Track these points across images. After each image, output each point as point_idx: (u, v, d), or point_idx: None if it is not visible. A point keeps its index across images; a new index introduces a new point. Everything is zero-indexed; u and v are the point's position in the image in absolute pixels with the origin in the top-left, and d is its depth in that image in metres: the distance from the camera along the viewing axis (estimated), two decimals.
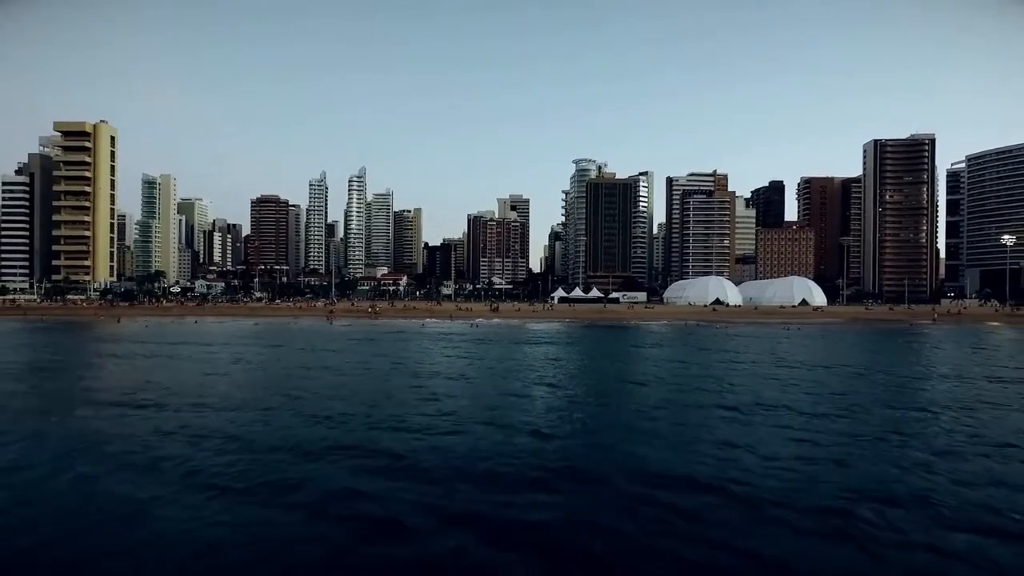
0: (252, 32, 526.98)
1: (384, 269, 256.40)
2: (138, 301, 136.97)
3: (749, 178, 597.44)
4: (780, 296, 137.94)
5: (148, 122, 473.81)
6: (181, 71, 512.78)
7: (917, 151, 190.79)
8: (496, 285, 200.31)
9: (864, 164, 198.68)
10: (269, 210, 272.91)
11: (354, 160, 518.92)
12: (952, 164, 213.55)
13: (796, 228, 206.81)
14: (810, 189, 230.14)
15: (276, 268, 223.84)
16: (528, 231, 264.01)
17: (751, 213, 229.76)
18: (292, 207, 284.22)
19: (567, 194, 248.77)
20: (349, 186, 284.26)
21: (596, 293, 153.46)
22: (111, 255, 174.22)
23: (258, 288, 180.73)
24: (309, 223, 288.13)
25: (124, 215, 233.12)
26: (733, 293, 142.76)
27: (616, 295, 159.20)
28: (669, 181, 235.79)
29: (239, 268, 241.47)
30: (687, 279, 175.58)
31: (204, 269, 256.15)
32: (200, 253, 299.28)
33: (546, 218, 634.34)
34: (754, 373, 29.34)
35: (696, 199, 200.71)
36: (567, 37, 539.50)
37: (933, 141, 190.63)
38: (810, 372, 29.92)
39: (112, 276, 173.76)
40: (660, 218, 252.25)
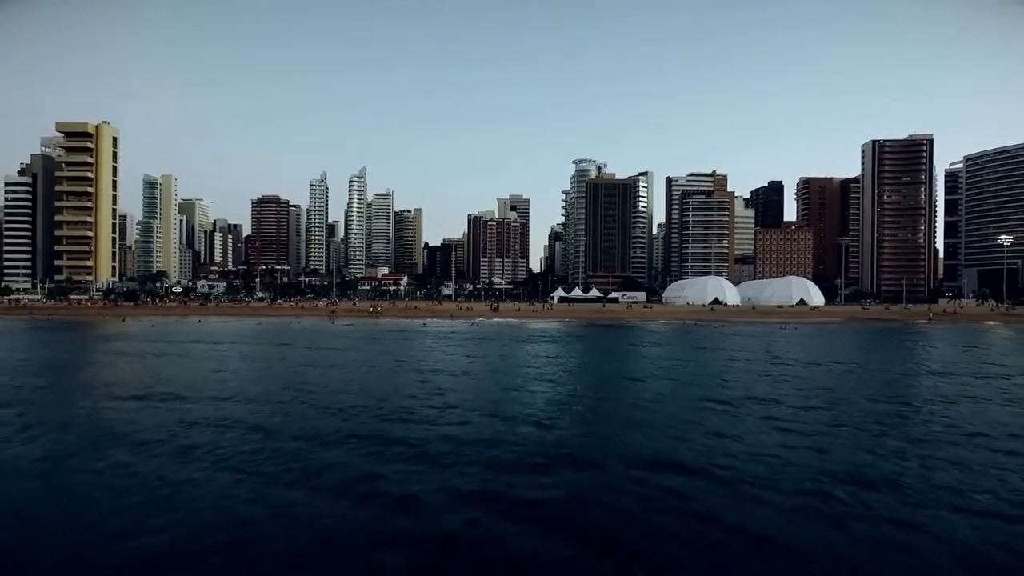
0: (252, 32, 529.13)
1: (384, 269, 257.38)
2: (141, 301, 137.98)
3: (748, 178, 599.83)
4: (778, 296, 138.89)
5: (148, 122, 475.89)
6: (181, 71, 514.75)
7: (915, 152, 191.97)
8: (496, 285, 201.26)
9: (862, 164, 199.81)
10: (270, 210, 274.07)
11: (354, 160, 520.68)
12: (950, 164, 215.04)
13: (795, 228, 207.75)
14: (809, 189, 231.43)
15: (277, 268, 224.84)
16: (528, 231, 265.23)
17: (750, 213, 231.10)
18: (293, 207, 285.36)
19: (567, 194, 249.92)
20: (349, 186, 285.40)
21: (595, 293, 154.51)
22: (113, 255, 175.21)
23: (259, 288, 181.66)
24: (310, 223, 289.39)
25: (125, 215, 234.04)
26: (732, 293, 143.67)
27: (615, 295, 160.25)
28: (669, 181, 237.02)
29: (240, 268, 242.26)
30: (686, 279, 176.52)
31: (205, 269, 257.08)
32: (201, 253, 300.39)
33: (546, 218, 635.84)
34: (748, 370, 30.31)
35: (695, 199, 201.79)
36: (567, 37, 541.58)
37: (931, 142, 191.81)
38: (802, 369, 30.91)
39: (114, 276, 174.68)
40: (660, 218, 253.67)
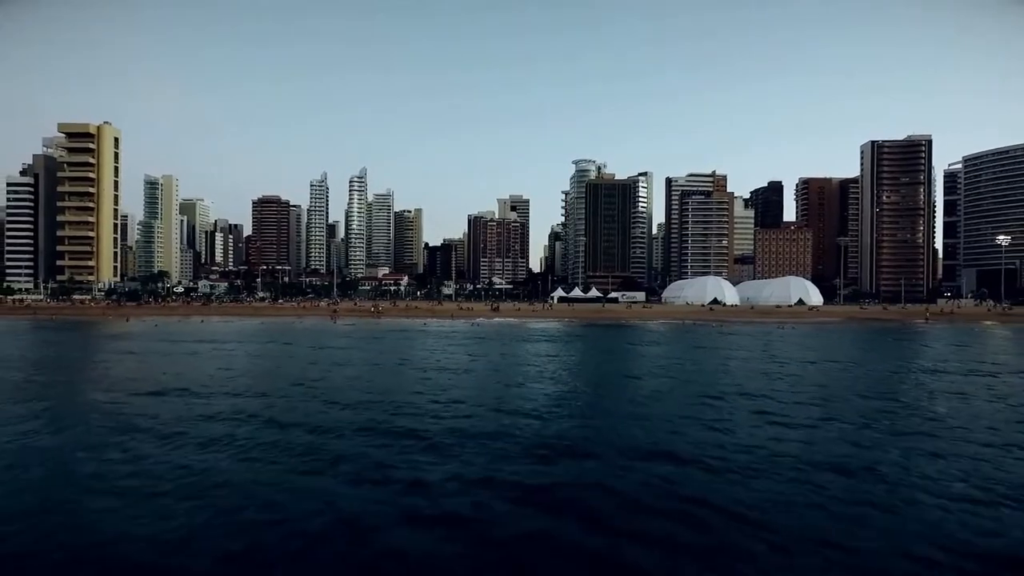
0: (252, 32, 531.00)
1: (385, 269, 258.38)
2: (143, 301, 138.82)
3: (748, 178, 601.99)
4: (777, 296, 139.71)
5: (149, 122, 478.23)
6: (181, 71, 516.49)
7: (914, 152, 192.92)
8: (496, 285, 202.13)
9: (862, 165, 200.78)
10: (270, 210, 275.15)
11: (354, 160, 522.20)
12: (949, 165, 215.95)
13: (794, 228, 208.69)
14: (808, 190, 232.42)
15: (278, 268, 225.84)
16: (528, 231, 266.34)
17: (749, 213, 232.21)
18: (293, 207, 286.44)
19: (567, 194, 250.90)
20: (350, 186, 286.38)
21: (595, 293, 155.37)
22: (115, 255, 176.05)
23: (261, 288, 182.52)
24: (310, 223, 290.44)
25: (126, 215, 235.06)
26: (731, 293, 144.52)
27: (615, 295, 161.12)
28: (668, 182, 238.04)
29: (241, 268, 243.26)
30: (685, 279, 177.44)
31: (206, 269, 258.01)
32: (202, 253, 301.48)
33: (546, 218, 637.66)
34: (744, 368, 31.07)
35: (695, 199, 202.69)
36: (567, 37, 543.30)
37: (930, 142, 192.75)
38: (797, 367, 31.68)
39: (116, 276, 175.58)
40: (659, 218, 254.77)
